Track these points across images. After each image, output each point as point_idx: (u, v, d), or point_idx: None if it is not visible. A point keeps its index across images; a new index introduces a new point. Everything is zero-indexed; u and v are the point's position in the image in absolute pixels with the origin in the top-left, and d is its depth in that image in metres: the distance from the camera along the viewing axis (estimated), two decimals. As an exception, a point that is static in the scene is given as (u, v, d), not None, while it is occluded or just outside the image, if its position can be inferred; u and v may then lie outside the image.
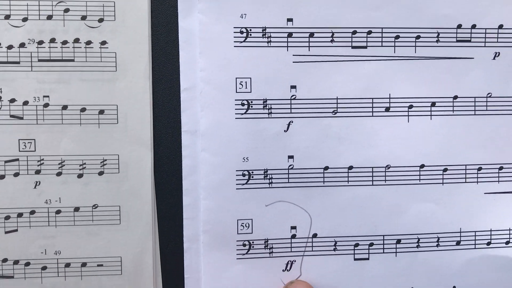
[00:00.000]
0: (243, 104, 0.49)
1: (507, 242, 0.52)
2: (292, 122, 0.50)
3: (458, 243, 0.52)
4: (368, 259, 0.51)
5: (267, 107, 0.49)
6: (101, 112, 0.49)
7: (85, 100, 0.48)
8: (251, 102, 0.49)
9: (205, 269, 0.50)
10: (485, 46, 0.51)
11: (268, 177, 0.50)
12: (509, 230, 0.52)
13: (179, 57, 0.48)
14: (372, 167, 0.51)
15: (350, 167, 0.51)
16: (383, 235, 0.51)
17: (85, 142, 0.48)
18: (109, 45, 0.48)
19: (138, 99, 0.49)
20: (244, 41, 0.49)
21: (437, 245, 0.52)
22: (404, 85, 0.50)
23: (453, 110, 0.51)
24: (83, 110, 0.48)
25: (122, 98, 0.49)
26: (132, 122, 0.49)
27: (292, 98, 0.49)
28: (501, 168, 0.52)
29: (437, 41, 0.50)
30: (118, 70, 0.48)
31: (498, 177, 0.52)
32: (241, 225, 0.50)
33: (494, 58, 0.50)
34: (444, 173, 0.51)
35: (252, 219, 0.50)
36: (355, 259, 0.51)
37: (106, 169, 0.49)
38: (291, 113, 0.49)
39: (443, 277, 0.52)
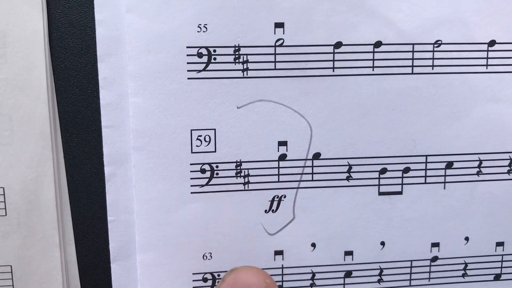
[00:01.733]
0: None
1: None
2: (281, -36, 0.30)
3: (541, 168, 0.34)
4: (400, 193, 0.32)
5: None
6: None
7: None
8: None
9: (139, 209, 0.31)
10: None
11: (240, 59, 0.31)
12: None
13: None
14: (413, 44, 0.31)
15: (378, 44, 0.31)
16: (426, 155, 0.32)
17: None
18: None
19: None
20: None
21: (509, 172, 0.32)
22: None
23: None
24: None
25: None
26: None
27: None
28: None
29: None
30: None
31: None
32: (198, 139, 0.31)
33: None
34: (529, 55, 0.33)
35: (215, 130, 0.31)
36: (380, 193, 0.32)
37: (-31, 45, 0.30)
38: None
39: (515, 221, 0.35)
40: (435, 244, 0.33)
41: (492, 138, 0.32)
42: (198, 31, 0.29)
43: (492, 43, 0.31)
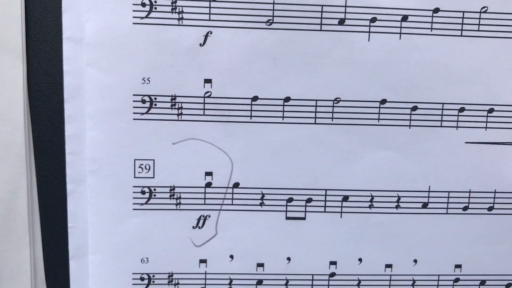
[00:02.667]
0: (143, 4, 0.37)
1: (490, 208, 0.41)
2: (211, 33, 0.37)
3: (425, 205, 0.40)
4: (304, 218, 0.40)
5: (177, 10, 0.37)
6: (-42, 7, 0.38)
7: None
8: (155, 1, 0.36)
9: (92, 219, 0.39)
10: None
11: (176, 106, 0.39)
12: (494, 192, 0.40)
13: None
14: (316, 100, 0.39)
15: (287, 99, 0.39)
16: (325, 189, 0.40)
17: None
18: None
19: (6, -9, 0.38)
20: None
21: (397, 207, 0.40)
22: (367, -10, 0.38)
23: (431, 28, 0.39)
24: None
25: (-15, -10, 0.38)
26: (-1, 22, 0.38)
27: (212, -1, 0.38)
28: (491, 111, 0.39)
29: None
30: (-20, -50, 0.37)
31: (486, 122, 0.40)
32: (139, 167, 0.39)
33: (496, -42, 0.38)
34: (413, 112, 0.39)
35: (154, 160, 0.39)
36: (287, 218, 0.40)
37: (-34, 84, 0.39)
38: (210, 20, 0.37)
39: (402, 248, 0.40)
40: (333, 262, 0.40)
41: (382, 178, 0.39)
42: (142, 83, 0.37)
43: (383, 101, 0.38)
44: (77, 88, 0.38)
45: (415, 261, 0.41)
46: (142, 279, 0.40)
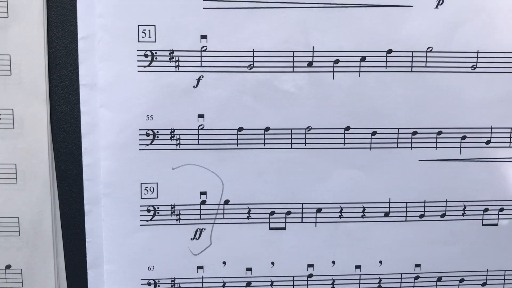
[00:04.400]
0: (146, 55, 0.46)
1: (443, 215, 0.50)
2: (202, 77, 0.47)
3: (386, 214, 0.50)
4: (285, 228, 0.50)
5: (174, 59, 0.46)
6: (-7, 61, 0.47)
7: (-29, 48, 0.46)
8: (156, 53, 0.46)
9: (106, 234, 0.48)
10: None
11: (175, 138, 0.48)
12: (446, 202, 0.49)
13: (76, 1, 0.46)
14: (291, 129, 0.48)
15: (267, 128, 0.48)
16: (302, 203, 0.49)
17: (-27, 94, 0.47)
18: (-4, -13, 0.46)
19: (32, 48, 0.46)
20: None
21: (363, 216, 0.49)
22: (330, 37, 0.46)
23: (386, 66, 0.48)
24: (-31, 59, 0.46)
25: (15, 47, 0.47)
26: (27, 73, 0.47)
27: (202, 49, 0.46)
28: (439, 133, 0.48)
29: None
30: (10, 16, 0.46)
31: (436, 142, 0.49)
32: (145, 189, 0.48)
33: (437, 7, 0.47)
34: (373, 136, 0.48)
35: (157, 183, 0.48)
36: (270, 228, 0.49)
37: (1, 125, 0.48)
38: (201, 66, 0.46)
39: (369, 251, 0.50)
40: (310, 265, 0.49)
41: (349, 192, 0.48)
42: (146, 120, 0.47)
43: (347, 128, 0.47)
44: (92, 126, 0.47)
45: (380, 262, 0.50)
46: (149, 284, 0.49)
